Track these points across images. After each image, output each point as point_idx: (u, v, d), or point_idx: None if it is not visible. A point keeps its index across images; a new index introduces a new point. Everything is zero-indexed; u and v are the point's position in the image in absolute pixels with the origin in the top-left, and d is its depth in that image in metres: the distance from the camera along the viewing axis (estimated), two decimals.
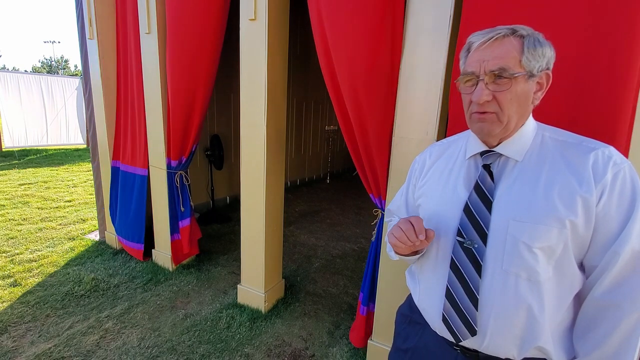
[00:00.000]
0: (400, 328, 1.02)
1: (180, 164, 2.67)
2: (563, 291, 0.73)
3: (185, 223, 2.77)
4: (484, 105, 0.72)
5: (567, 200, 0.68)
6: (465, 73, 0.74)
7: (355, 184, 6.34)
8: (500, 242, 0.73)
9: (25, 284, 2.50)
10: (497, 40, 0.70)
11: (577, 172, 0.69)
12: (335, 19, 1.58)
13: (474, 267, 0.76)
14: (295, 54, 5.36)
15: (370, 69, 1.55)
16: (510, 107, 0.71)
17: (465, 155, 0.84)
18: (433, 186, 0.88)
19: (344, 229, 4.02)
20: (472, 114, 0.75)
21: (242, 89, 2.09)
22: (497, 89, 0.70)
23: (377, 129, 1.63)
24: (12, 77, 7.75)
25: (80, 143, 9.21)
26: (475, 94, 0.72)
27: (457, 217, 0.79)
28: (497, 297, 0.74)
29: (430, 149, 0.96)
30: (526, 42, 0.69)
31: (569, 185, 0.69)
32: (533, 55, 0.69)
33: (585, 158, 0.70)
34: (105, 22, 2.80)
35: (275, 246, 2.35)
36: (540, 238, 0.69)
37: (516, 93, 0.70)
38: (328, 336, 2.12)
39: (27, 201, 4.47)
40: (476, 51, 0.72)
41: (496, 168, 0.78)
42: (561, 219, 0.68)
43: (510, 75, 0.69)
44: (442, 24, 1.39)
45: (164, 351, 1.92)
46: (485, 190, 0.76)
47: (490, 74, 0.70)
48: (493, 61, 0.69)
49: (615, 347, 0.68)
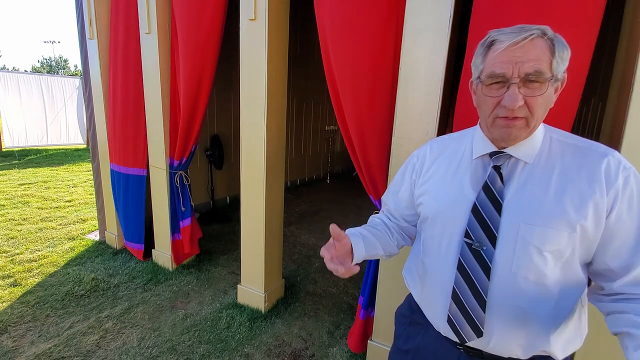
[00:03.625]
0: (401, 329, 1.01)
1: (181, 164, 2.68)
2: (568, 292, 0.73)
3: (186, 223, 2.77)
4: (515, 111, 0.68)
5: (578, 205, 0.68)
6: (492, 74, 0.69)
7: (355, 184, 6.33)
8: (510, 244, 0.72)
9: (25, 284, 2.50)
10: (531, 41, 0.65)
11: (589, 176, 0.69)
12: (339, 18, 1.58)
13: (482, 269, 0.75)
14: (295, 54, 5.36)
15: (373, 69, 1.55)
16: (539, 111, 0.69)
17: (472, 154, 0.81)
18: (436, 185, 0.85)
19: (344, 229, 4.00)
20: (498, 118, 0.71)
21: (242, 89, 2.09)
22: (529, 93, 0.67)
23: (377, 130, 1.64)
24: (12, 77, 7.75)
25: (80, 143, 9.21)
26: (509, 98, 0.67)
27: (464, 218, 0.78)
28: (506, 300, 0.74)
29: (430, 144, 0.93)
30: (557, 44, 0.66)
31: (581, 190, 0.68)
32: (562, 58, 0.67)
33: (598, 163, 0.69)
34: (105, 22, 2.79)
35: (275, 246, 2.35)
36: (551, 242, 0.69)
37: (546, 97, 0.68)
38: (328, 336, 2.12)
39: (27, 201, 4.47)
40: (505, 51, 0.67)
41: (505, 169, 0.76)
42: (572, 223, 0.68)
43: (545, 79, 0.66)
44: (442, 24, 1.39)
45: (164, 351, 1.92)
46: (495, 191, 0.75)
47: (525, 76, 0.66)
48: (529, 63, 0.65)
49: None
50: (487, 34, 0.72)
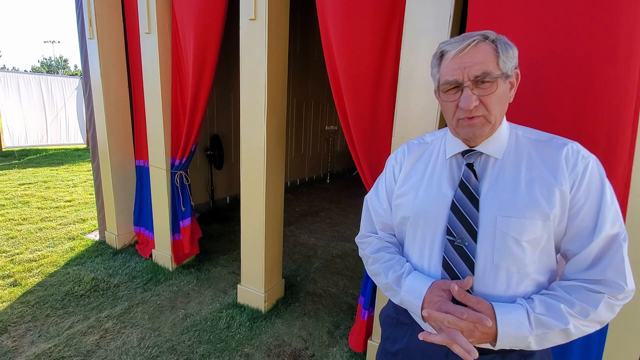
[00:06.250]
0: (388, 331, 1.00)
1: (181, 164, 2.68)
2: (543, 275, 0.77)
3: (186, 223, 2.78)
4: (473, 110, 0.74)
5: (547, 194, 0.73)
6: (446, 82, 0.76)
7: (355, 184, 6.34)
8: (489, 238, 0.76)
9: (25, 284, 2.50)
10: (474, 46, 0.72)
11: (552, 166, 0.74)
12: (341, 17, 1.58)
13: (466, 264, 0.77)
14: (295, 54, 5.36)
15: (375, 68, 1.56)
16: (495, 107, 0.74)
17: (446, 155, 0.85)
18: (415, 186, 0.87)
19: (344, 229, 4.02)
20: (460, 119, 0.77)
21: (242, 89, 2.09)
22: (482, 92, 0.73)
23: (378, 129, 1.64)
24: (12, 77, 7.75)
25: (80, 143, 9.21)
26: (463, 100, 0.73)
27: (444, 216, 0.80)
28: (490, 292, 0.76)
29: (406, 146, 0.96)
30: (499, 45, 0.73)
31: (547, 180, 0.73)
32: (507, 57, 0.73)
33: (558, 153, 0.75)
34: (105, 22, 2.80)
35: (275, 246, 2.35)
36: (527, 231, 0.73)
37: (499, 94, 0.74)
38: (328, 336, 2.12)
39: (27, 201, 4.47)
40: (454, 59, 0.74)
41: (478, 166, 0.81)
42: (544, 212, 0.72)
43: (493, 78, 0.72)
44: (442, 24, 1.39)
45: (164, 351, 1.92)
46: (471, 187, 0.79)
47: (474, 79, 0.72)
48: (476, 67, 0.72)
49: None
50: (437, 47, 0.79)
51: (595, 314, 0.69)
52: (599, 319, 0.70)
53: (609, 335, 1.23)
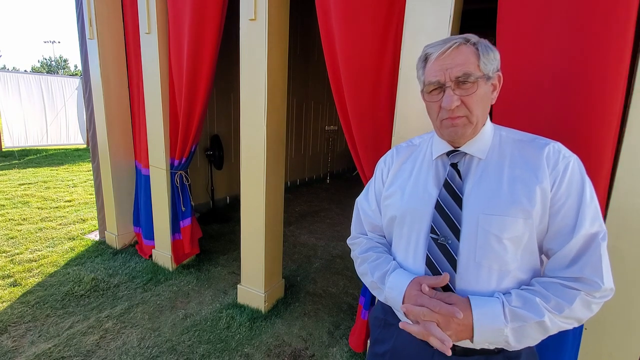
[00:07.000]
0: (377, 333, 1.00)
1: (181, 164, 2.68)
2: (525, 273, 0.78)
3: (186, 223, 2.78)
4: (455, 111, 0.76)
5: (528, 193, 0.74)
6: (429, 83, 0.78)
7: (355, 184, 6.34)
8: (472, 235, 0.77)
9: (25, 284, 2.50)
10: (455, 49, 0.75)
11: (534, 165, 0.76)
12: (341, 17, 1.58)
13: (448, 262, 0.78)
14: (295, 54, 5.37)
15: (375, 68, 1.56)
16: (477, 108, 0.76)
17: (432, 156, 0.88)
18: (402, 186, 0.90)
19: (344, 229, 4.02)
20: (443, 120, 0.79)
21: (242, 89, 2.09)
22: (463, 93, 0.75)
23: (378, 129, 1.64)
24: (12, 77, 7.75)
25: (80, 143, 9.22)
26: (445, 100, 0.75)
27: (429, 214, 0.82)
28: (472, 288, 0.77)
29: (395, 150, 0.99)
30: (480, 48, 0.75)
31: (529, 178, 0.75)
32: (488, 59, 0.75)
33: (539, 152, 0.76)
34: (105, 22, 2.80)
35: (275, 246, 2.35)
36: (508, 229, 0.74)
37: (480, 95, 0.76)
38: (328, 336, 2.12)
39: (27, 201, 4.47)
40: (437, 61, 0.76)
41: (462, 166, 0.83)
42: (526, 210, 0.74)
43: (474, 79, 0.74)
44: (442, 24, 1.39)
45: (163, 351, 1.92)
46: (455, 187, 0.81)
47: (455, 80, 0.74)
48: (457, 68, 0.74)
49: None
50: (422, 50, 0.82)
51: (570, 310, 0.70)
52: (575, 315, 0.71)
53: (585, 336, 1.24)
